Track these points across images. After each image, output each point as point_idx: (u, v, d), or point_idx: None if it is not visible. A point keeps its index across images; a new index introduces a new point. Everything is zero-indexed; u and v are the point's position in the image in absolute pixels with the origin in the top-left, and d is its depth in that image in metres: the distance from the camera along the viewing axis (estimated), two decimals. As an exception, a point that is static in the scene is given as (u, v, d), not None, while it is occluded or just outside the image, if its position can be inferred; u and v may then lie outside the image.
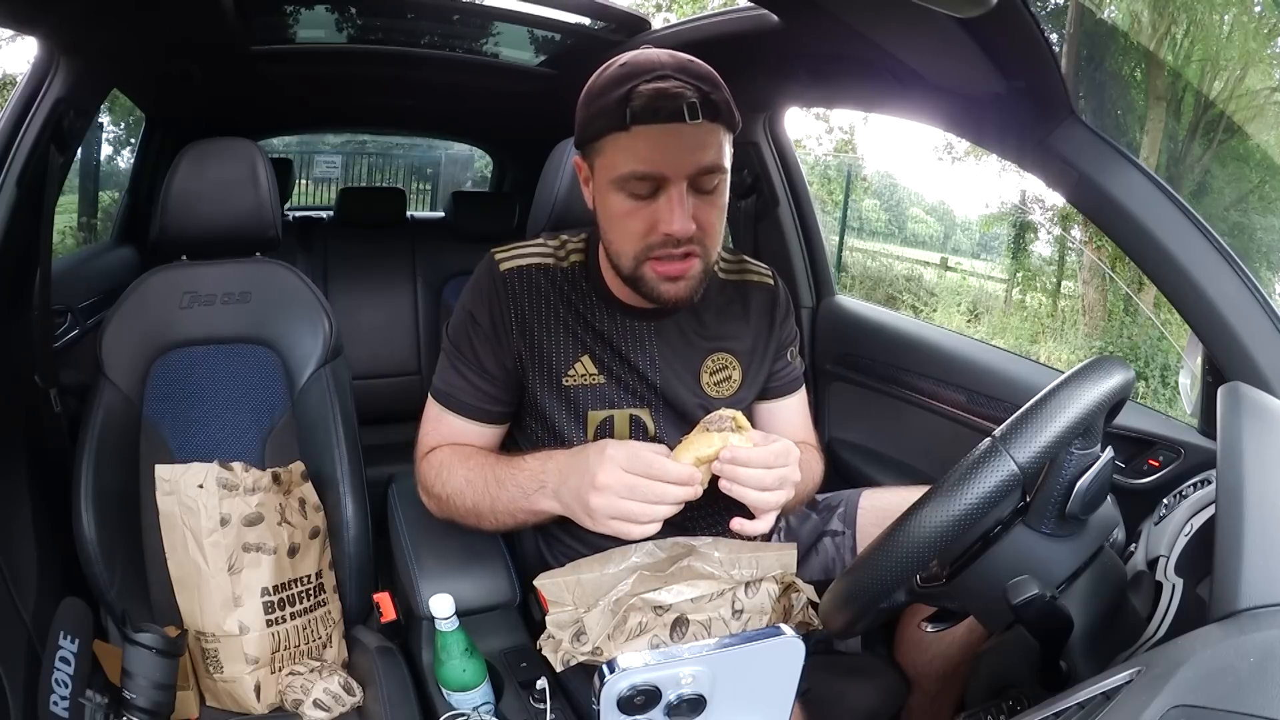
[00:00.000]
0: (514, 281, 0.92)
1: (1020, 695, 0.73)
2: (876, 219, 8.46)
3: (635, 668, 0.47)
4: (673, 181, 0.80)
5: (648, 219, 0.82)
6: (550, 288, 0.93)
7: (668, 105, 0.78)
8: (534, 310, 0.92)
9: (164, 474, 1.02)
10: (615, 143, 0.81)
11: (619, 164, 0.81)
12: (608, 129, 0.81)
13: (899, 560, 0.62)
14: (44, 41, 1.06)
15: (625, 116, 0.78)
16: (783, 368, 1.04)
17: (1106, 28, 5.10)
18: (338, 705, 0.99)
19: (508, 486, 0.86)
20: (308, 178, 6.20)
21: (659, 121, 0.78)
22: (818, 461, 1.05)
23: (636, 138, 0.79)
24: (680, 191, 0.80)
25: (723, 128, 0.82)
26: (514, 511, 0.87)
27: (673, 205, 0.80)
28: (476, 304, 0.93)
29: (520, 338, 0.92)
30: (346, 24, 1.68)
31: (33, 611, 0.93)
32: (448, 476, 0.91)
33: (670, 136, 0.79)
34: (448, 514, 0.93)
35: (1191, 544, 0.72)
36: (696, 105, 0.78)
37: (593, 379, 0.93)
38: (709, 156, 0.81)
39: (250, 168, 1.15)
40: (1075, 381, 0.63)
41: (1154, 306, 3.69)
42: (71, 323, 1.33)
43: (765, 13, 1.15)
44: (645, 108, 0.78)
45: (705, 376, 0.96)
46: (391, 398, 2.00)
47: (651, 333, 0.94)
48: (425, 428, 0.97)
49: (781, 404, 1.06)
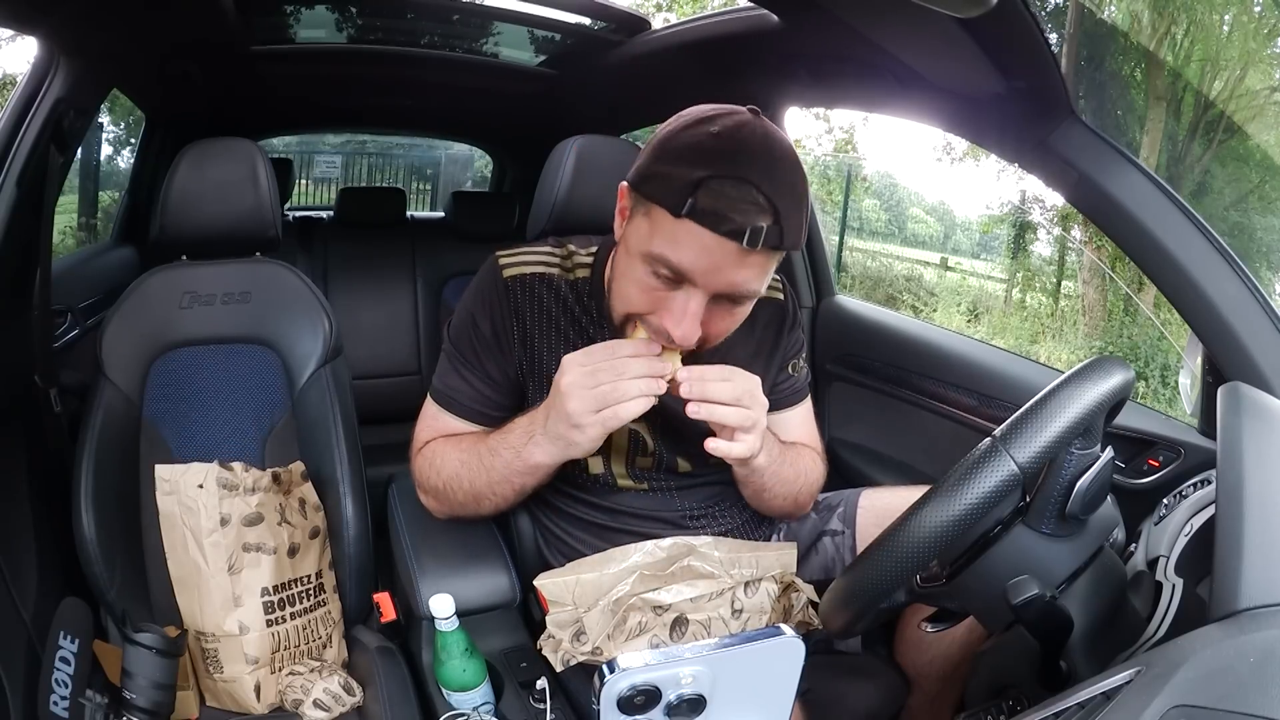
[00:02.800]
0: (516, 290, 0.91)
1: (1020, 695, 0.73)
2: (876, 219, 8.45)
3: (635, 668, 0.47)
4: (698, 289, 0.75)
5: (657, 303, 0.77)
6: (553, 299, 0.91)
7: (732, 222, 0.70)
8: (535, 321, 0.91)
9: (164, 474, 1.02)
10: (662, 219, 0.74)
11: (655, 242, 0.75)
12: (662, 202, 0.73)
13: (899, 560, 0.62)
14: (44, 41, 1.06)
15: (683, 206, 0.71)
16: (785, 379, 1.02)
17: (1106, 28, 5.10)
18: (338, 705, 0.99)
19: (500, 452, 0.86)
20: (308, 178, 6.20)
21: (715, 232, 0.71)
22: (816, 465, 1.04)
23: (686, 232, 0.72)
24: (700, 302, 0.75)
25: (778, 256, 0.77)
26: (509, 476, 0.87)
27: (687, 313, 0.75)
28: (479, 309, 0.92)
29: (521, 347, 0.91)
30: (347, 24, 1.68)
31: (33, 611, 0.93)
32: (441, 464, 0.91)
33: (717, 250, 0.72)
34: (446, 506, 0.92)
35: (1191, 544, 0.72)
36: (760, 233, 0.70)
37: None
38: (748, 283, 0.76)
39: (250, 168, 1.15)
40: (1075, 381, 0.63)
41: (1154, 306, 3.69)
42: (71, 323, 1.33)
43: (765, 13, 1.15)
44: (708, 210, 0.70)
45: None
46: (391, 398, 2.00)
47: None
48: (421, 425, 0.96)
49: (786, 416, 1.03)
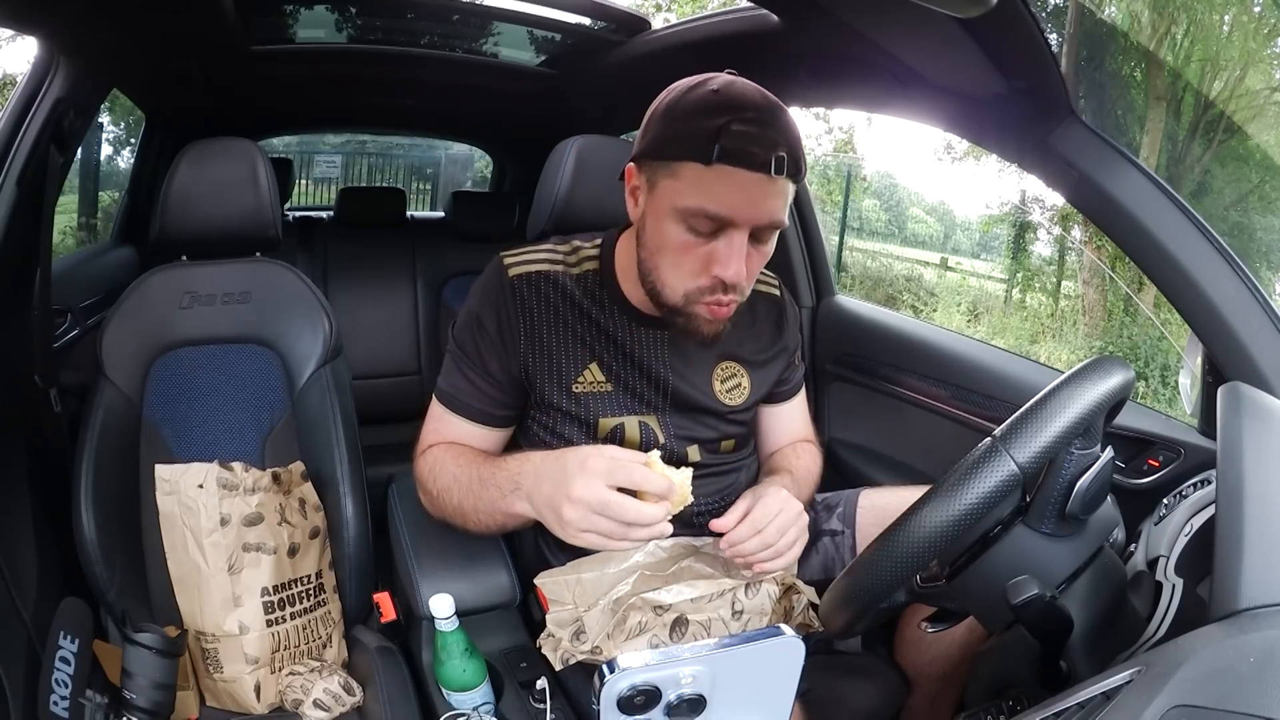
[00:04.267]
0: (522, 288, 0.91)
1: (1020, 695, 0.73)
2: (876, 219, 8.45)
3: (635, 668, 0.47)
4: (738, 228, 0.79)
5: (703, 259, 0.81)
6: (559, 296, 0.92)
7: (760, 155, 0.76)
8: (542, 318, 0.91)
9: (164, 474, 1.02)
10: (693, 173, 0.78)
11: (690, 196, 0.78)
12: (689, 156, 0.78)
13: (899, 560, 0.62)
14: (44, 41, 1.06)
15: (713, 152, 0.76)
16: (789, 374, 1.06)
17: (1106, 28, 5.10)
18: (338, 705, 0.99)
19: (489, 486, 0.85)
20: (308, 178, 6.19)
21: (746, 168, 0.76)
22: (816, 459, 1.07)
23: (718, 177, 0.77)
24: (743, 239, 0.80)
25: (794, 186, 0.82)
26: (493, 512, 0.85)
27: (733, 252, 0.79)
28: (484, 309, 0.92)
29: (528, 345, 0.91)
30: (346, 24, 1.68)
31: (33, 611, 0.93)
32: (439, 472, 0.91)
33: (752, 185, 0.77)
34: (439, 511, 0.92)
35: (1191, 544, 0.72)
36: (785, 160, 0.77)
37: (600, 386, 0.92)
38: (779, 213, 0.80)
39: (250, 168, 1.15)
40: (1075, 381, 0.63)
41: (1154, 306, 3.68)
42: (71, 323, 1.33)
43: (765, 13, 1.15)
44: (737, 150, 0.76)
45: (717, 384, 0.97)
46: (391, 398, 2.00)
47: (665, 340, 0.94)
48: (427, 427, 0.96)
49: (784, 408, 1.08)
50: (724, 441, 0.99)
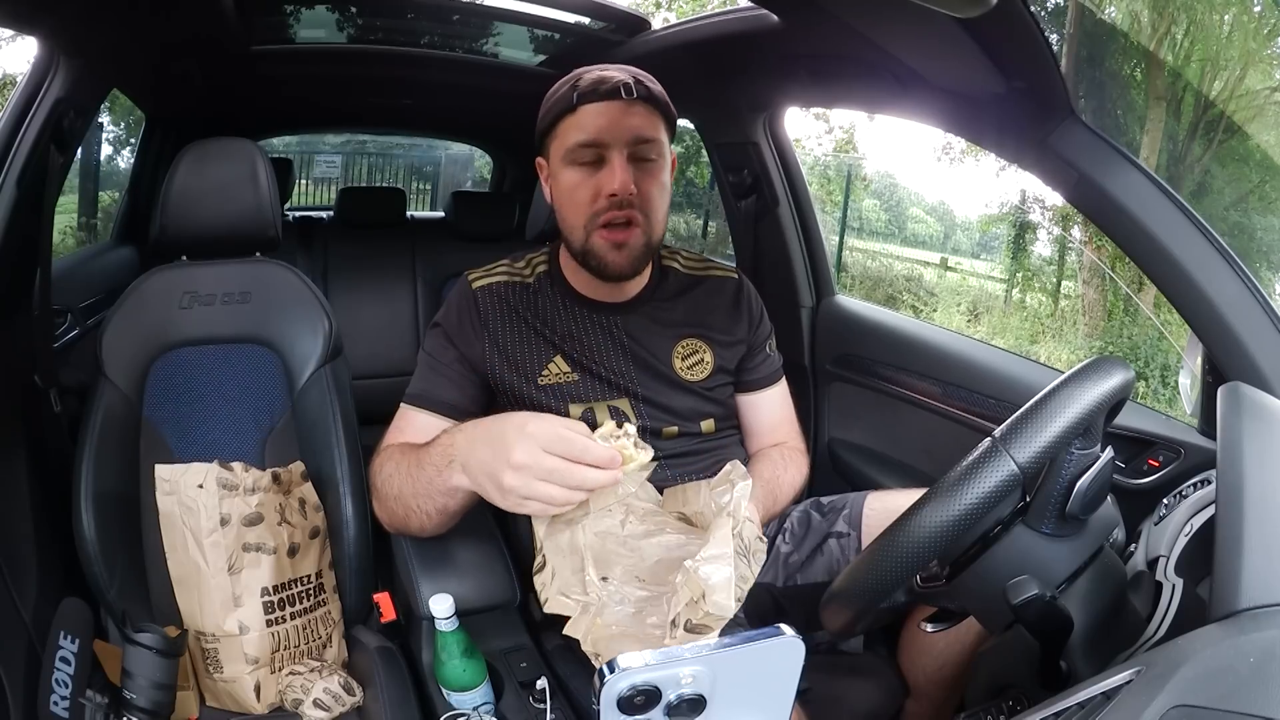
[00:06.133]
0: (483, 297, 1.01)
1: (1020, 695, 0.73)
2: (876, 219, 8.45)
3: (635, 668, 0.47)
4: (614, 149, 0.91)
5: (594, 187, 0.92)
6: (518, 300, 1.01)
7: (607, 85, 0.92)
8: (504, 321, 1.00)
9: (164, 474, 1.02)
10: (565, 123, 0.93)
11: (568, 138, 0.93)
12: (559, 114, 0.94)
13: (899, 560, 0.62)
14: (44, 41, 1.06)
15: (573, 99, 0.92)
16: (761, 360, 1.10)
17: (1106, 28, 5.09)
18: (338, 705, 0.99)
19: (424, 466, 0.82)
20: (308, 178, 6.20)
21: (600, 99, 0.91)
22: (796, 464, 1.08)
23: (581, 114, 0.92)
24: (621, 158, 0.91)
25: (659, 115, 0.94)
26: (430, 494, 0.82)
27: (614, 169, 0.91)
28: (448, 317, 1.01)
29: (491, 345, 0.98)
30: (347, 24, 1.68)
31: (33, 611, 0.93)
32: (384, 466, 0.89)
33: (610, 110, 0.91)
34: (385, 511, 0.90)
35: (1191, 544, 0.72)
36: (631, 86, 0.92)
37: (566, 377, 0.98)
38: (644, 129, 0.92)
39: (250, 168, 1.15)
40: (1075, 381, 0.63)
41: (1154, 306, 3.68)
42: (71, 323, 1.33)
43: (765, 13, 1.15)
44: (589, 89, 0.92)
45: (677, 361, 1.02)
46: (391, 398, 1.98)
47: (619, 326, 1.00)
48: (387, 435, 0.97)
49: (762, 396, 1.11)
50: (703, 421, 1.02)
